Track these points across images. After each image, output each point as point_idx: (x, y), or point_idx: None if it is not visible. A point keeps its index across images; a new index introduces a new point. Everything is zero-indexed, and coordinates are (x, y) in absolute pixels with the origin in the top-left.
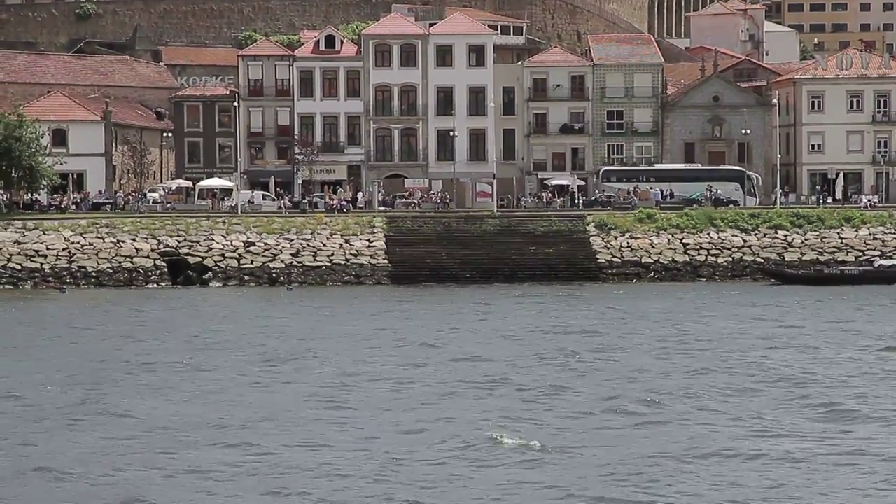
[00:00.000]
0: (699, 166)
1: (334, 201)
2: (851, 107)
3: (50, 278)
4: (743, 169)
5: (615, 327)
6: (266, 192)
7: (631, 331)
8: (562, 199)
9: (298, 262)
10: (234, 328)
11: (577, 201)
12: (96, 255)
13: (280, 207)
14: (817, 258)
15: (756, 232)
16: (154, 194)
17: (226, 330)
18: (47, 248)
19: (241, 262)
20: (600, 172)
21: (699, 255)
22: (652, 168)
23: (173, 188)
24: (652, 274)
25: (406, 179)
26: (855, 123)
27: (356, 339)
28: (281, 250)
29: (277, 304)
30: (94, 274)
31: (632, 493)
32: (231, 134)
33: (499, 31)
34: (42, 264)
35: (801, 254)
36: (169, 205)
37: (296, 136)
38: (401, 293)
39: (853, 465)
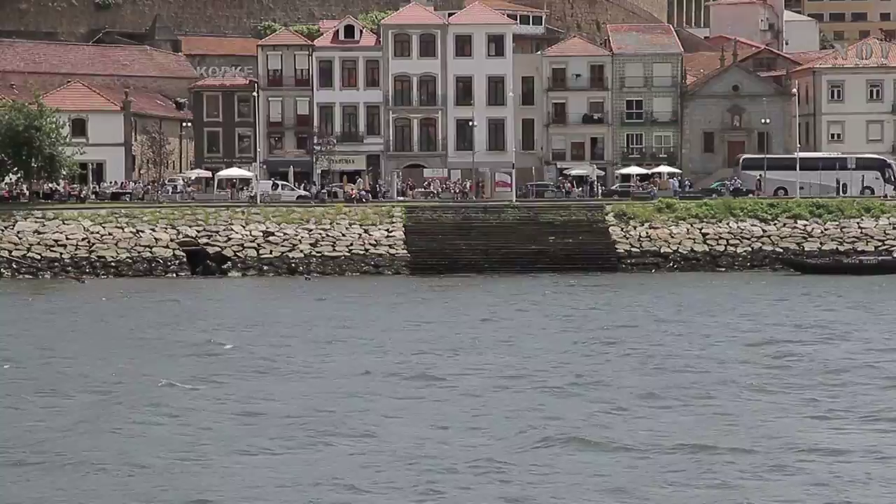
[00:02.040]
0: (838, 154)
1: (353, 191)
2: (871, 96)
3: (69, 268)
4: (885, 158)
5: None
6: (285, 182)
7: None
8: (581, 188)
9: (317, 252)
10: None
11: (595, 191)
12: (116, 244)
13: (301, 196)
14: (837, 248)
15: (775, 222)
16: (174, 184)
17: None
18: (67, 238)
19: (261, 251)
20: (739, 161)
21: (718, 244)
22: (793, 156)
23: (192, 178)
24: (671, 264)
25: (425, 169)
26: (875, 113)
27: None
28: (300, 240)
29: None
30: (113, 264)
31: None
32: (250, 124)
33: (518, 21)
34: (62, 254)
35: (821, 244)
36: (190, 188)
37: (315, 127)
38: (430, 284)
39: None
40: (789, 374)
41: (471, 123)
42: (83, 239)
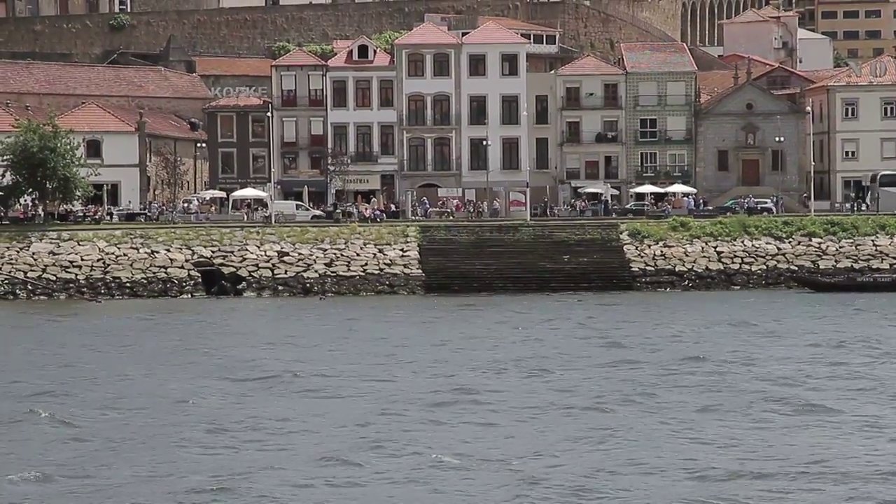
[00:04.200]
0: None
1: (367, 211)
2: (885, 114)
3: (84, 289)
4: None
5: None
6: (299, 202)
7: None
8: (594, 204)
9: (332, 272)
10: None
11: (610, 210)
12: (131, 265)
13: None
14: (852, 266)
15: (790, 240)
16: (188, 205)
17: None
18: (82, 259)
19: (275, 272)
20: (877, 176)
21: (733, 263)
22: None
23: (207, 199)
24: (686, 283)
25: (439, 189)
26: (889, 130)
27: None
28: (315, 260)
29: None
30: (128, 285)
31: None
32: (264, 144)
33: (531, 40)
34: (77, 275)
35: (836, 261)
36: (203, 214)
37: (329, 147)
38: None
39: None
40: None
41: (485, 143)
42: (98, 260)
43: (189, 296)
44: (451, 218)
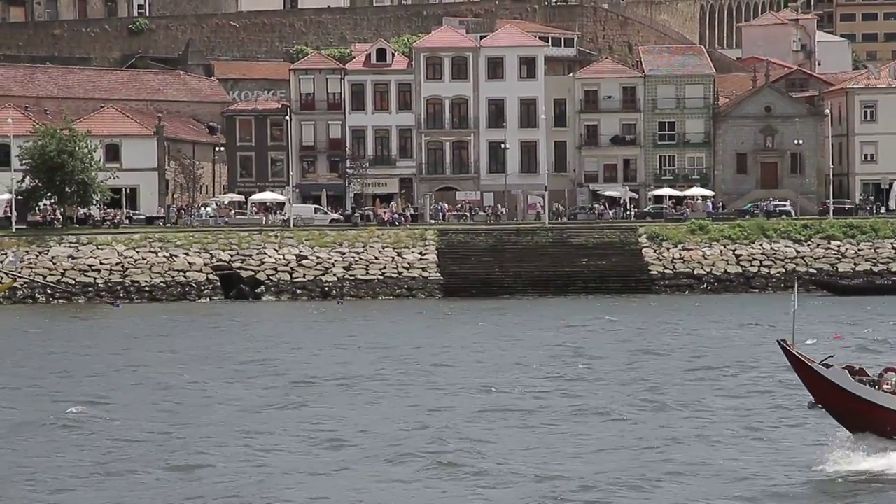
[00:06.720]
0: None
1: (385, 214)
2: None
3: (104, 293)
4: None
5: None
6: (318, 206)
7: None
8: (614, 210)
9: (350, 276)
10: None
11: (628, 213)
12: (149, 269)
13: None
14: (871, 269)
15: (809, 243)
16: (207, 209)
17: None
18: (101, 263)
19: (294, 275)
20: None
21: (752, 266)
22: None
23: (225, 202)
24: (704, 286)
25: (458, 192)
26: None
27: None
28: (333, 264)
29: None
30: (147, 288)
31: None
32: (283, 148)
33: (550, 43)
34: (96, 279)
35: (855, 264)
36: (221, 218)
37: (347, 150)
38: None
39: None
40: None
41: (503, 146)
42: (117, 264)
43: (208, 299)
44: (468, 221)
